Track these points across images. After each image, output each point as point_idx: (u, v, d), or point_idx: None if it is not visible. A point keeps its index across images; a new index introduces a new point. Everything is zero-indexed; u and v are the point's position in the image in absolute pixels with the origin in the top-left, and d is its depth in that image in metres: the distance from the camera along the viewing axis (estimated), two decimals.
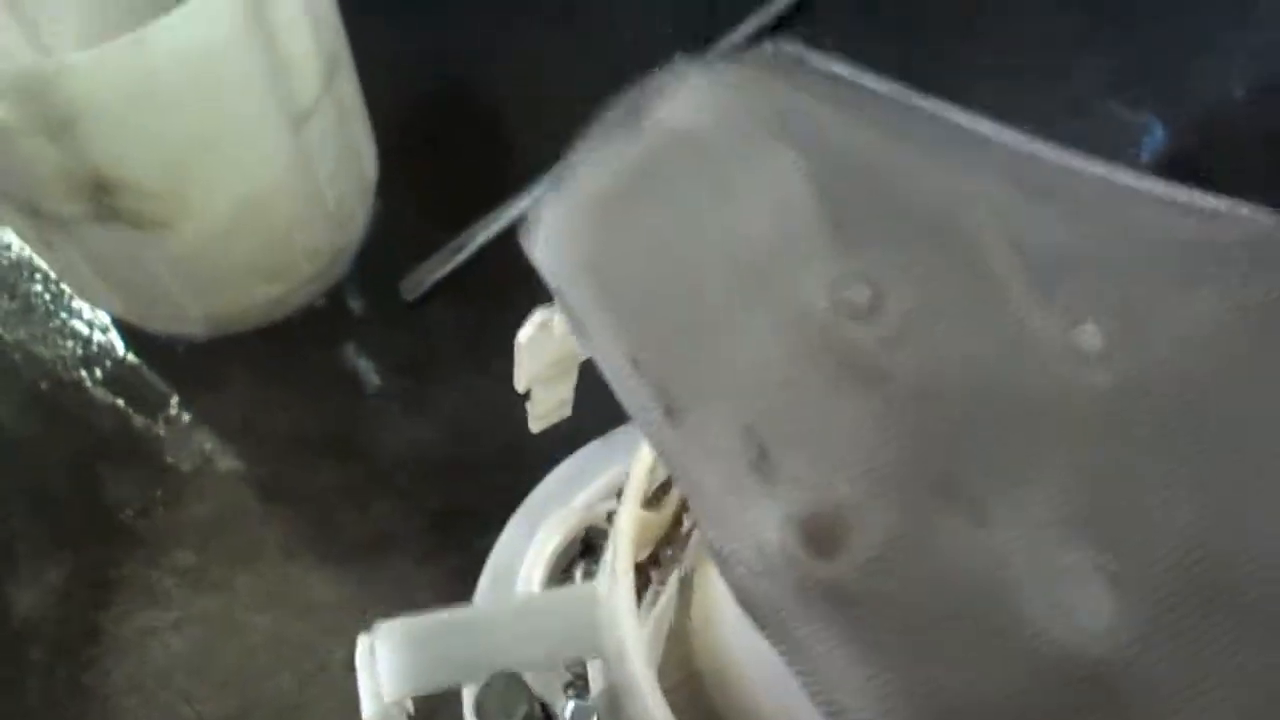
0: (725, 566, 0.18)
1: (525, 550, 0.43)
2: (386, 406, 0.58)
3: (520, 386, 0.27)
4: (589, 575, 0.41)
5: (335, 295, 0.60)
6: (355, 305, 0.61)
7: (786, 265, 0.19)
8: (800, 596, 0.17)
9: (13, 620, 0.52)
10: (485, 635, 0.25)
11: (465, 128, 0.66)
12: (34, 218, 0.48)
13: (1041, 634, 0.17)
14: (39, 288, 0.61)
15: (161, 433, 0.56)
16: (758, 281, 0.19)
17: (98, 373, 0.58)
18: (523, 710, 0.23)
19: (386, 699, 0.25)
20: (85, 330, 0.59)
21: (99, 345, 0.59)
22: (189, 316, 0.55)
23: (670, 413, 0.18)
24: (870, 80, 0.22)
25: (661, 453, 0.18)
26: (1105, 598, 0.17)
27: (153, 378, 0.58)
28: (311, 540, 0.55)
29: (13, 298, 0.61)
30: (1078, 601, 0.17)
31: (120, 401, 0.57)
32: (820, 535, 0.17)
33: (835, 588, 0.17)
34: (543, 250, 0.19)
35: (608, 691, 0.28)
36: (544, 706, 0.28)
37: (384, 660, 0.25)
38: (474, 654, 0.24)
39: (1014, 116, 0.22)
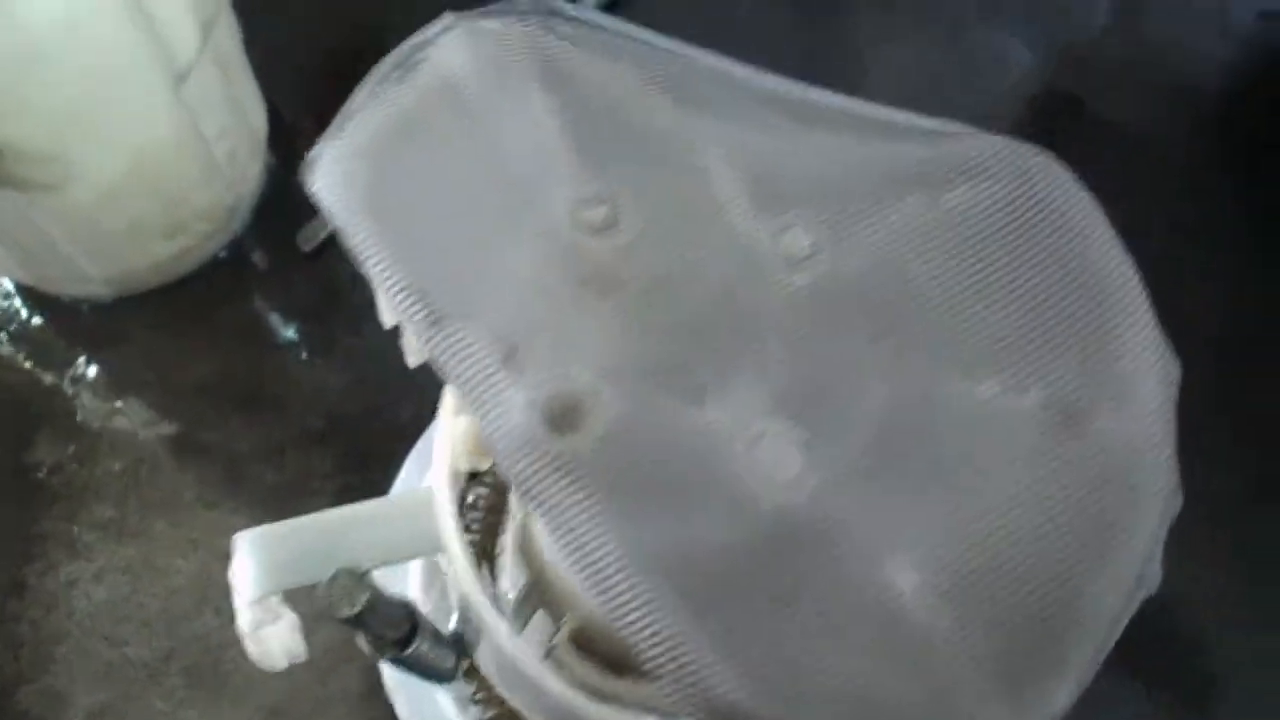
0: (491, 448, 0.21)
1: (421, 482, 0.45)
2: (293, 355, 0.60)
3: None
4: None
5: (237, 249, 0.62)
6: (257, 258, 0.62)
7: (536, 192, 0.22)
8: (545, 468, 0.20)
9: None
10: (333, 537, 0.28)
11: (356, 80, 0.67)
12: None
13: (741, 489, 0.20)
14: None
15: (71, 392, 0.58)
16: (512, 207, 0.22)
17: (3, 338, 0.59)
18: (364, 599, 0.26)
19: (247, 598, 0.27)
20: None
21: (2, 311, 0.60)
22: (89, 277, 0.57)
23: (435, 322, 0.21)
24: (629, 28, 0.25)
25: (431, 355, 0.21)
26: (795, 456, 0.21)
27: (59, 339, 0.59)
28: (227, 489, 0.57)
29: None
30: (771, 460, 0.21)
31: (28, 364, 0.59)
32: (560, 416, 0.20)
33: (573, 460, 0.20)
34: (322, 191, 0.22)
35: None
36: (412, 612, 0.30)
37: (242, 564, 0.28)
38: (322, 555, 0.27)
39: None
